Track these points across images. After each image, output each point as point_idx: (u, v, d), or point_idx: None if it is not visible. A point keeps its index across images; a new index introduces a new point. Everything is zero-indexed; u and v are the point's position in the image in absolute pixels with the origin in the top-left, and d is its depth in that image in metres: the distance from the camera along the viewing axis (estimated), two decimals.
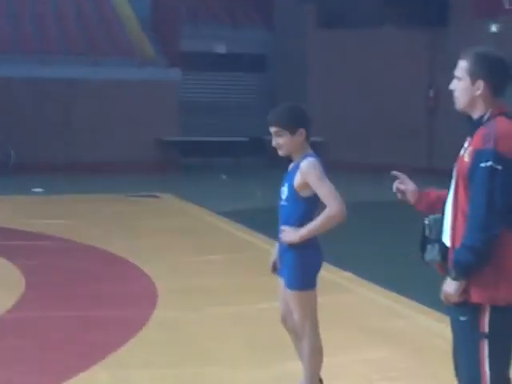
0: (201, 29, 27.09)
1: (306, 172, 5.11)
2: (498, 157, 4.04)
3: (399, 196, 4.75)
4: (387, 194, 17.66)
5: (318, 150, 5.37)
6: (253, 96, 27.68)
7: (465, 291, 4.12)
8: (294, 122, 5.19)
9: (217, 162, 24.43)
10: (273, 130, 5.21)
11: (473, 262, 4.04)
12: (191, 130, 24.88)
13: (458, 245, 4.16)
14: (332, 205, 5.03)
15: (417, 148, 23.34)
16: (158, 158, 23.33)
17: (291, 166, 5.28)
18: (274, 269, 5.43)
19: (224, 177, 21.63)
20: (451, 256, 4.20)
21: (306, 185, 5.12)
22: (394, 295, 8.72)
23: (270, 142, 5.24)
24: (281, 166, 6.30)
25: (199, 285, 9.22)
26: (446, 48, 21.12)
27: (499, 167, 4.03)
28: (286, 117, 5.21)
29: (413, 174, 4.70)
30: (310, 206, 5.16)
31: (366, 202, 15.29)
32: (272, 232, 5.69)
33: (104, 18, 26.80)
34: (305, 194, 5.16)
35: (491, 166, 4.02)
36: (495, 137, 4.06)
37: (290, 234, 5.17)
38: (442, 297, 4.19)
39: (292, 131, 5.16)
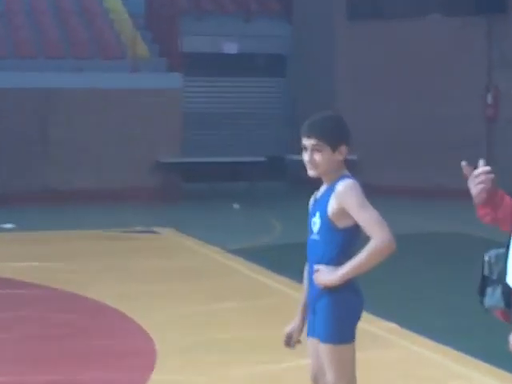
0: (205, 24, 27.14)
1: (344, 195, 5.08)
2: None
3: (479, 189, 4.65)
4: (435, 224, 17.72)
5: (351, 170, 5.38)
6: (270, 106, 27.67)
7: None
8: (336, 135, 5.22)
9: (227, 188, 24.38)
10: (311, 142, 5.18)
11: None
12: (196, 149, 24.93)
13: None
14: (378, 235, 4.99)
15: (472, 165, 23.24)
16: (156, 184, 23.28)
17: (322, 190, 5.28)
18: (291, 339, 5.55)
19: (236, 206, 21.58)
20: None
21: (343, 212, 5.08)
22: (450, 351, 8.69)
23: (292, 161, 5.27)
24: (306, 191, 6.32)
25: (207, 340, 9.21)
26: (506, 40, 21.10)
27: None
28: (330, 129, 5.23)
29: (469, 196, 4.65)
30: (348, 238, 5.15)
31: (409, 234, 15.17)
32: (296, 274, 5.68)
33: (87, 13, 26.84)
34: (342, 223, 5.13)
35: None
36: None
37: (327, 275, 5.16)
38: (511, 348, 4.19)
39: (334, 147, 5.17)
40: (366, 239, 5.00)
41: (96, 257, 14.63)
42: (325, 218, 5.18)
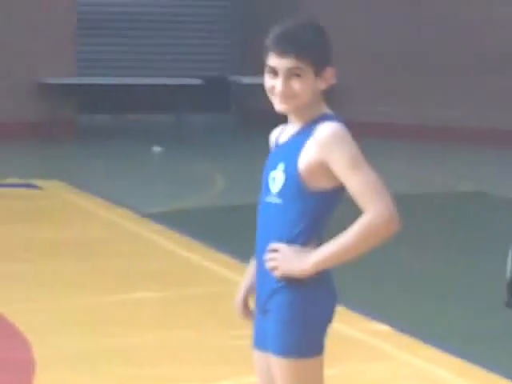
0: None
1: (330, 146, 4.92)
2: None
3: None
4: (442, 177, 17.79)
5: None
6: (208, 9, 27.72)
7: None
8: (323, 53, 5.09)
9: (144, 123, 24.45)
10: (287, 63, 5.02)
11: None
12: (97, 67, 24.99)
13: None
14: (376, 207, 4.85)
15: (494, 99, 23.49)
16: (39, 116, 23.29)
17: (288, 131, 5.14)
18: (246, 314, 5.38)
19: (157, 149, 21.60)
20: None
21: (323, 169, 4.94)
22: (458, 363, 8.82)
23: (238, 86, 5.13)
24: (258, 128, 6.20)
25: (108, 346, 9.26)
26: None
27: None
28: (314, 43, 5.09)
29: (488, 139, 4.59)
30: (324, 207, 5.03)
31: (408, 194, 15.29)
32: (241, 250, 5.59)
33: None
34: (318, 185, 4.99)
35: None
36: None
37: (292, 260, 5.06)
38: None
39: (319, 70, 5.07)
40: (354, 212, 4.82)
41: None
42: (292, 174, 4.98)
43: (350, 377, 7.95)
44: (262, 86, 5.14)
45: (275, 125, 5.13)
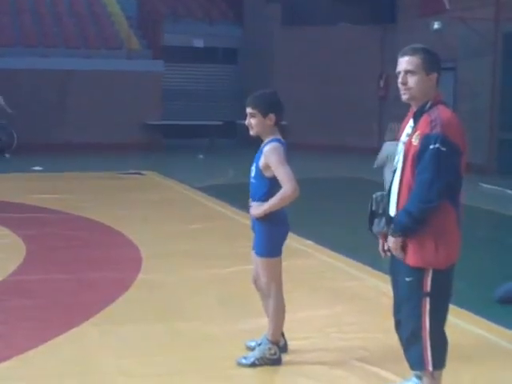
0: (180, 25, 26.90)
1: (268, 155, 5.06)
2: (444, 140, 4.09)
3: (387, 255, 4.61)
4: (342, 171, 17.63)
5: (284, 132, 5.30)
6: (226, 85, 27.46)
7: (415, 254, 4.21)
8: (267, 106, 5.11)
9: (194, 143, 24.30)
10: (248, 110, 5.13)
11: (408, 225, 4.16)
12: (172, 115, 24.84)
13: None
14: (287, 185, 4.97)
15: (369, 130, 23.38)
16: (144, 140, 23.17)
17: (261, 147, 5.21)
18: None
19: (201, 156, 21.55)
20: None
21: (268, 166, 5.07)
22: (347, 260, 8.77)
23: (241, 125, 5.22)
24: (251, 146, 6.28)
25: (179, 250, 9.17)
26: (394, 43, 21.10)
27: (444, 149, 4.08)
28: (260, 100, 5.14)
29: (365, 152, 4.67)
30: (273, 184, 5.09)
31: (324, 177, 15.28)
32: (242, 204, 5.66)
33: (95, 16, 26.52)
34: (268, 174, 5.10)
35: (438, 148, 4.07)
36: (441, 123, 4.12)
37: (256, 209, 5.16)
38: (393, 250, 4.31)
39: (264, 114, 5.09)
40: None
41: (98, 191, 14.49)
42: (257, 168, 5.15)
43: (295, 266, 7.93)
44: None
45: (259, 146, 5.25)
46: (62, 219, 11.32)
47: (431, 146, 4.08)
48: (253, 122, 5.15)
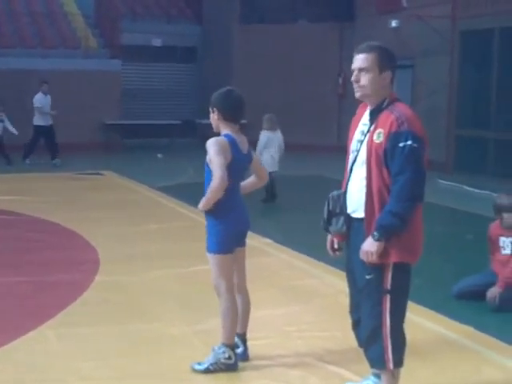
0: (139, 24, 26.74)
1: (208, 148, 5.06)
2: (414, 136, 4.11)
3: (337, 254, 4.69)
4: (303, 169, 17.53)
5: (245, 130, 5.29)
6: (185, 84, 27.35)
7: (384, 253, 4.17)
8: (214, 103, 5.19)
9: (154, 143, 24.18)
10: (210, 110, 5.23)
11: (397, 226, 4.11)
12: (131, 115, 24.69)
13: (376, 214, 4.18)
14: (215, 176, 4.93)
15: (328, 128, 23.46)
16: (102, 140, 22.98)
17: None
18: None
19: (160, 156, 21.39)
20: (369, 224, 4.21)
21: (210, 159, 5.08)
22: (306, 258, 8.78)
23: (200, 124, 5.20)
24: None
25: (137, 251, 9.12)
26: (353, 41, 21.19)
27: (416, 145, 4.10)
28: (212, 98, 5.22)
29: (324, 150, 4.65)
30: None
31: (284, 175, 15.22)
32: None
33: (52, 15, 26.28)
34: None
35: (411, 144, 4.09)
36: (407, 120, 4.14)
37: (200, 203, 5.11)
38: (362, 256, 4.21)
39: (213, 111, 5.18)
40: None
41: (57, 192, 14.33)
42: (206, 162, 5.12)
43: (254, 264, 7.84)
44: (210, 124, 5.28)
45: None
46: (17, 221, 11.17)
47: (402, 144, 4.09)
48: (211, 118, 5.25)
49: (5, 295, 7.18)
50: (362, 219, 4.27)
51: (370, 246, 4.15)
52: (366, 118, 4.38)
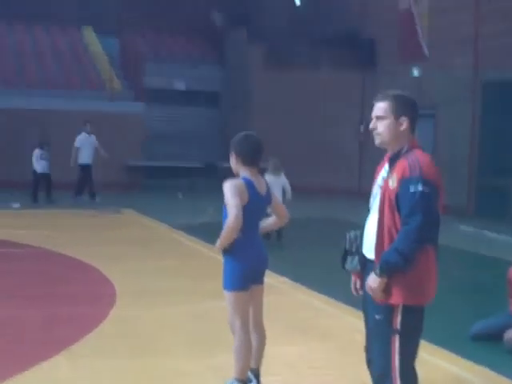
0: (162, 67, 27.05)
1: (224, 189, 5.14)
2: (425, 182, 4.14)
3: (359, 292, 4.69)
4: (324, 211, 17.44)
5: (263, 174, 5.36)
6: (207, 128, 27.49)
7: (388, 293, 4.19)
8: (232, 148, 5.30)
9: (175, 183, 24.28)
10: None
11: (399, 265, 4.12)
12: (153, 156, 24.84)
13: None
14: (229, 216, 4.99)
15: (349, 173, 23.49)
16: (124, 180, 23.15)
17: None
18: None
19: (180, 196, 21.49)
20: (377, 262, 4.24)
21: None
22: (321, 296, 8.80)
23: (222, 167, 5.26)
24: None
25: (154, 287, 9.15)
26: (375, 89, 21.30)
27: (427, 191, 4.13)
28: (231, 143, 5.31)
29: (346, 194, 4.70)
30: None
31: (300, 218, 15.22)
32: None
33: (78, 57, 26.65)
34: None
35: (421, 190, 4.12)
36: (420, 166, 4.18)
37: (218, 241, 5.16)
38: (368, 290, 4.25)
39: (232, 155, 5.30)
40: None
41: (76, 228, 14.46)
42: (224, 203, 5.17)
43: (270, 303, 7.85)
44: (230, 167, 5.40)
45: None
46: (37, 254, 11.26)
47: (413, 189, 4.12)
48: (230, 162, 5.36)
49: (21, 326, 7.21)
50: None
51: (372, 282, 4.21)
52: (387, 164, 4.46)
